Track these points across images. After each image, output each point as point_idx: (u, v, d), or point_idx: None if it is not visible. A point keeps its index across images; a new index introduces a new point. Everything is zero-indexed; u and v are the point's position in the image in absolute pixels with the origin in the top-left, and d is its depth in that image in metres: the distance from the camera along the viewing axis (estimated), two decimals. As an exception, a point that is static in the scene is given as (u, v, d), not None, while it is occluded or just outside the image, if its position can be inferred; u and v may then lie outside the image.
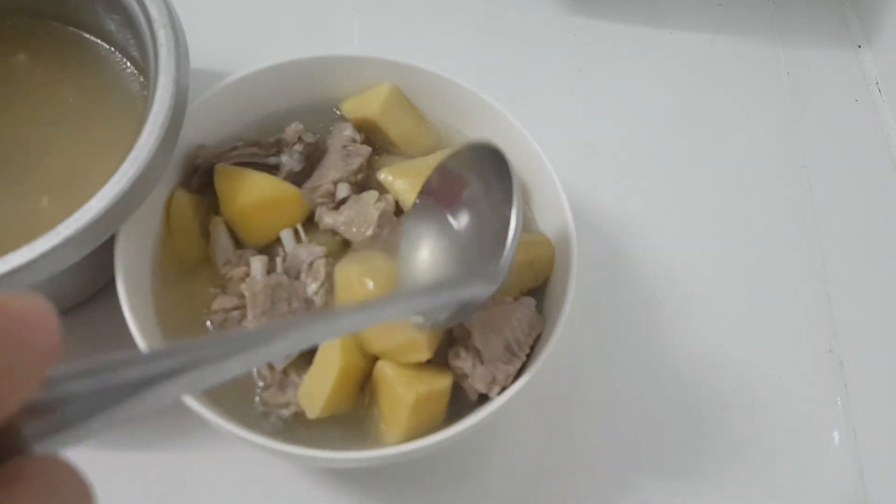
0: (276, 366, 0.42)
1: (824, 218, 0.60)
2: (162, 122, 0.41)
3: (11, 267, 0.37)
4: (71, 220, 0.38)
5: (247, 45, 0.61)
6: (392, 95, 0.50)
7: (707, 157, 0.62)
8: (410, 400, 0.40)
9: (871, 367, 0.54)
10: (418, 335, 0.41)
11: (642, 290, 0.55)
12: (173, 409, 0.44)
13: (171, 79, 0.43)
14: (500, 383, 0.42)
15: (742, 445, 0.50)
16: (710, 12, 0.70)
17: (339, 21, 0.65)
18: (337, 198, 0.47)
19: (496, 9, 0.68)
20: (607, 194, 0.59)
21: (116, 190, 0.39)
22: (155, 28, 0.44)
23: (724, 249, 0.57)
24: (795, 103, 0.66)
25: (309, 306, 0.43)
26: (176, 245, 0.45)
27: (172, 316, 0.44)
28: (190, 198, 0.46)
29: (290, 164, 0.48)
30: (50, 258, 0.37)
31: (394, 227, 0.45)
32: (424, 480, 0.47)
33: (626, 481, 0.48)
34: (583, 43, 0.67)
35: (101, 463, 0.45)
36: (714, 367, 0.52)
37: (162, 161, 0.42)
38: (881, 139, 0.65)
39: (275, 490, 0.46)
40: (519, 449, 0.48)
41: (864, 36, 0.70)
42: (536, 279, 0.47)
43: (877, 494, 0.49)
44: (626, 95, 0.64)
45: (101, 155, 0.47)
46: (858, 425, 0.51)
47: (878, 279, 0.58)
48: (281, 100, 0.50)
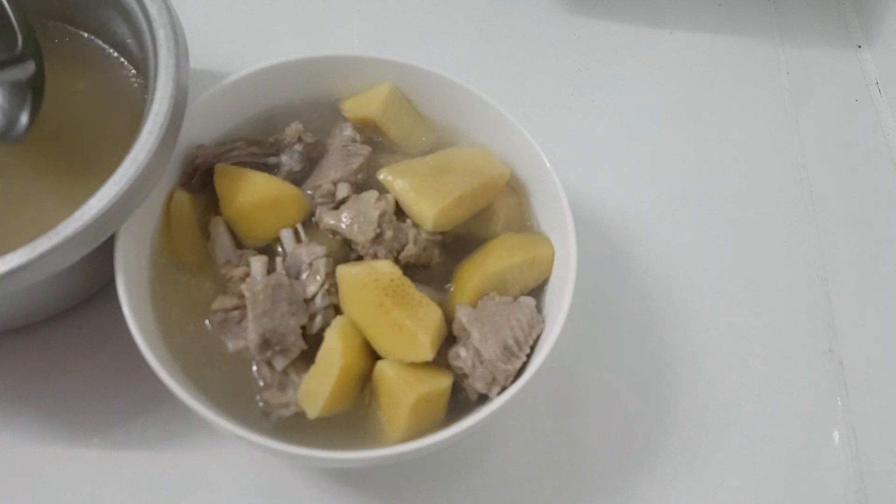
0: (276, 366, 0.42)
1: (824, 218, 0.60)
2: (162, 122, 0.41)
3: (11, 267, 0.37)
4: (71, 220, 0.38)
5: (247, 45, 0.61)
6: (392, 95, 0.50)
7: (707, 156, 0.62)
8: (410, 400, 0.40)
9: (871, 367, 0.54)
10: (421, 336, 0.41)
11: (642, 290, 0.55)
12: (173, 409, 0.44)
13: (171, 79, 0.43)
14: (500, 383, 0.42)
15: (742, 445, 0.50)
16: (710, 12, 0.70)
17: (339, 21, 0.65)
18: (337, 198, 0.47)
19: (496, 9, 0.68)
20: (607, 194, 0.59)
21: (116, 190, 0.39)
22: (155, 28, 0.44)
23: (723, 249, 0.58)
24: (795, 103, 0.66)
25: (309, 306, 0.43)
26: (176, 245, 0.45)
27: (172, 316, 0.44)
28: (190, 198, 0.46)
29: (290, 163, 0.48)
30: (50, 258, 0.37)
31: (395, 229, 0.45)
32: (424, 480, 0.47)
33: (626, 481, 0.48)
34: (583, 43, 0.67)
35: (101, 463, 0.45)
36: (714, 366, 0.52)
37: (162, 161, 0.42)
38: (881, 139, 0.65)
39: (275, 490, 0.46)
40: (519, 449, 0.48)
41: (864, 36, 0.70)
42: (536, 279, 0.47)
43: (877, 494, 0.49)
44: (626, 95, 0.64)
45: (100, 155, 0.47)
46: (858, 425, 0.51)
47: (878, 279, 0.58)
48: (281, 100, 0.50)
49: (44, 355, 0.47)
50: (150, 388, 0.41)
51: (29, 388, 0.47)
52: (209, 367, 0.43)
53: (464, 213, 0.46)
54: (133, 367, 0.42)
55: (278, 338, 0.42)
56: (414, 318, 0.41)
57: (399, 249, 0.45)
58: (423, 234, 0.45)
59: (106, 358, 0.47)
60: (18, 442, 0.45)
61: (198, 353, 0.43)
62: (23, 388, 0.47)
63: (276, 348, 0.42)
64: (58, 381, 0.47)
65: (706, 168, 0.61)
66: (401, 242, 0.45)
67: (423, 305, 0.42)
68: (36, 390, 0.47)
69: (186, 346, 0.43)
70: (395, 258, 0.44)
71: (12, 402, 0.46)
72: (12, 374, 0.47)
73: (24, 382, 0.47)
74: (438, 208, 0.44)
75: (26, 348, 0.47)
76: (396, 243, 0.44)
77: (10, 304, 0.44)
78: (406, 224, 0.45)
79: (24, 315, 0.46)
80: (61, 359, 0.47)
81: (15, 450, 0.45)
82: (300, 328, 0.42)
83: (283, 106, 0.50)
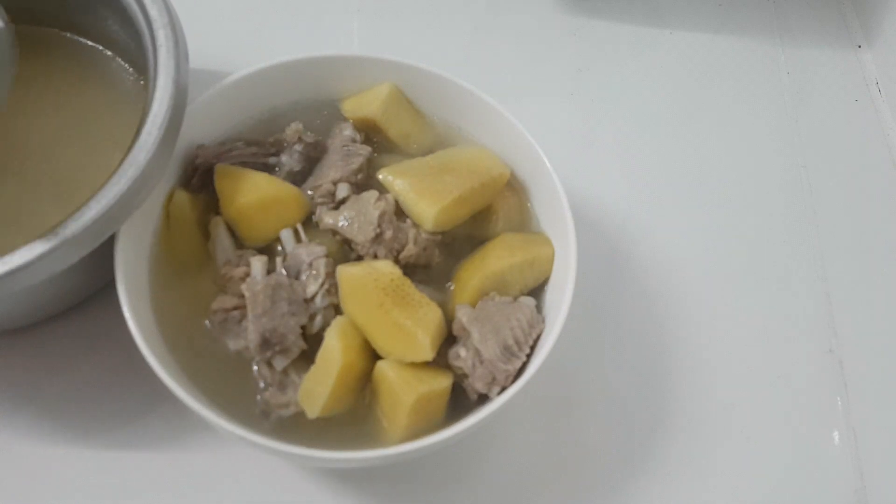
0: (276, 366, 0.42)
1: (824, 218, 0.60)
2: (161, 122, 0.41)
3: (11, 267, 0.37)
4: (71, 221, 0.38)
5: (247, 45, 0.61)
6: (392, 95, 0.50)
7: (707, 156, 0.62)
8: (410, 400, 0.40)
9: (871, 367, 0.54)
10: (421, 336, 0.41)
11: (642, 290, 0.55)
12: (173, 409, 0.44)
13: (171, 79, 0.43)
14: (500, 383, 0.42)
15: (742, 445, 0.50)
16: (710, 12, 0.70)
17: (339, 21, 0.65)
18: (337, 198, 0.47)
19: (496, 9, 0.68)
20: (607, 194, 0.59)
21: (116, 190, 0.39)
22: (155, 29, 0.44)
23: (724, 249, 0.57)
24: (795, 103, 0.66)
25: (309, 306, 0.43)
26: (176, 245, 0.45)
27: (172, 316, 0.44)
28: (190, 198, 0.46)
29: (290, 163, 0.48)
30: (49, 258, 0.37)
31: (395, 229, 0.45)
32: (424, 480, 0.47)
33: (626, 481, 0.48)
34: (583, 43, 0.67)
35: (101, 463, 0.45)
36: (714, 367, 0.52)
37: (162, 161, 0.42)
38: (881, 139, 0.65)
39: (275, 490, 0.46)
40: (518, 449, 0.48)
41: (864, 36, 0.70)
42: (536, 279, 0.47)
43: (877, 494, 0.49)
44: (626, 95, 0.64)
45: (101, 155, 0.47)
46: (858, 425, 0.51)
47: (878, 279, 0.58)
48: (281, 100, 0.50)
49: (44, 355, 0.47)
50: (150, 388, 0.41)
51: (29, 388, 0.47)
52: (209, 367, 0.43)
53: (464, 213, 0.46)
54: (133, 367, 0.42)
55: (278, 338, 0.42)
56: (414, 318, 0.42)
57: (399, 249, 0.45)
58: (423, 234, 0.45)
59: (106, 358, 0.47)
60: (18, 442, 0.45)
61: (198, 353, 0.43)
62: (23, 388, 0.47)
63: (276, 348, 0.42)
64: (58, 381, 0.47)
65: (706, 168, 0.61)
66: (401, 242, 0.45)
67: (423, 305, 0.42)
68: (36, 390, 0.47)
69: (186, 346, 0.43)
70: (395, 258, 0.44)
71: (12, 402, 0.46)
72: (12, 374, 0.47)
73: (24, 382, 0.47)
74: (438, 208, 0.44)
75: (26, 348, 0.47)
76: (396, 243, 0.44)
77: (10, 304, 0.44)
78: (406, 224, 0.45)
79: (24, 315, 0.46)
80: (61, 359, 0.47)
81: (15, 450, 0.45)
82: (300, 328, 0.42)
83: (283, 106, 0.50)
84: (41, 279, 0.38)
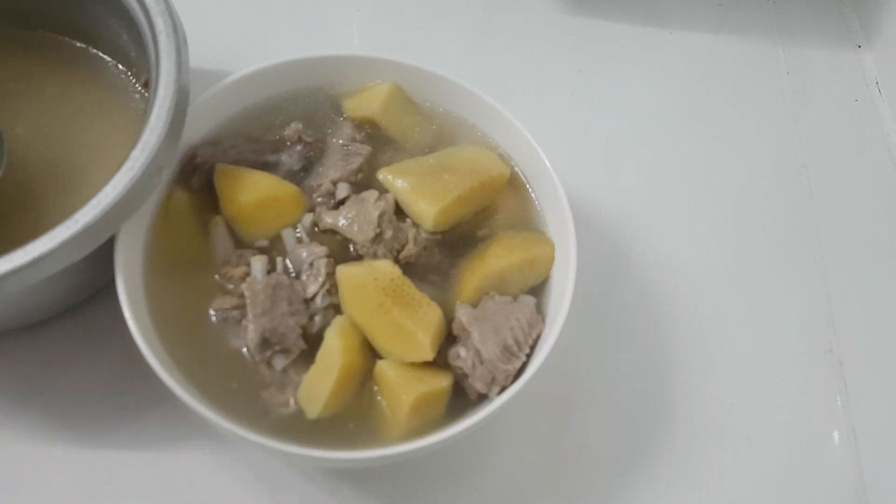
0: (276, 366, 0.42)
1: (824, 218, 0.60)
2: (162, 123, 0.41)
3: (11, 267, 0.37)
4: (71, 221, 0.38)
5: (247, 45, 0.61)
6: (392, 95, 0.50)
7: (707, 156, 0.62)
8: (410, 400, 0.40)
9: (871, 367, 0.54)
10: (421, 336, 0.41)
11: (642, 290, 0.55)
12: (173, 409, 0.44)
13: (172, 80, 0.43)
14: (500, 383, 0.42)
15: (742, 445, 0.50)
16: (710, 12, 0.70)
17: (339, 21, 0.65)
18: (337, 197, 0.47)
19: (496, 8, 0.68)
20: (607, 194, 0.59)
21: (117, 191, 0.39)
22: (156, 32, 0.44)
23: (723, 249, 0.57)
24: (795, 103, 0.66)
25: (309, 306, 0.43)
26: (176, 244, 0.45)
27: (172, 315, 0.44)
28: (189, 197, 0.46)
29: (290, 163, 0.48)
30: (50, 259, 0.37)
31: (395, 228, 0.45)
32: (424, 480, 0.47)
33: (626, 481, 0.48)
34: (583, 43, 0.67)
35: (101, 463, 0.45)
36: (714, 366, 0.52)
37: (162, 162, 0.42)
38: (881, 139, 0.65)
39: (275, 490, 0.46)
40: (519, 449, 0.48)
41: (864, 36, 0.70)
42: (536, 278, 0.47)
43: (877, 494, 0.49)
44: (626, 95, 0.64)
45: (102, 156, 0.47)
46: (858, 425, 0.51)
47: (878, 279, 0.58)
48: (281, 99, 0.50)
49: (44, 355, 0.47)
50: (150, 388, 0.41)
51: (29, 388, 0.47)
52: (209, 366, 0.43)
53: (464, 213, 0.46)
54: (133, 367, 0.42)
55: (278, 337, 0.42)
56: (414, 318, 0.42)
57: (399, 249, 0.45)
58: (422, 234, 0.45)
59: (106, 358, 0.47)
60: (18, 442, 0.45)
61: (198, 353, 0.43)
62: (23, 388, 0.47)
63: (276, 348, 0.42)
64: (58, 381, 0.47)
65: (706, 168, 0.61)
66: (401, 242, 0.45)
67: (423, 305, 0.42)
68: (36, 390, 0.47)
69: (186, 346, 0.43)
70: (394, 258, 0.44)
71: (12, 401, 0.46)
72: (12, 374, 0.47)
73: (24, 382, 0.47)
74: (438, 208, 0.44)
75: (26, 348, 0.47)
76: (396, 243, 0.44)
77: (10, 305, 0.44)
78: (406, 223, 0.45)
79: (24, 315, 0.46)
80: (61, 359, 0.47)
81: (15, 450, 0.45)
82: (300, 328, 0.42)
83: (283, 105, 0.50)
84: (41, 279, 0.38)
